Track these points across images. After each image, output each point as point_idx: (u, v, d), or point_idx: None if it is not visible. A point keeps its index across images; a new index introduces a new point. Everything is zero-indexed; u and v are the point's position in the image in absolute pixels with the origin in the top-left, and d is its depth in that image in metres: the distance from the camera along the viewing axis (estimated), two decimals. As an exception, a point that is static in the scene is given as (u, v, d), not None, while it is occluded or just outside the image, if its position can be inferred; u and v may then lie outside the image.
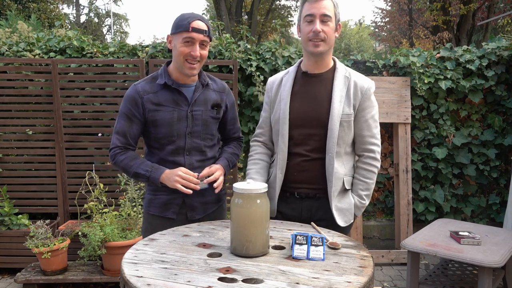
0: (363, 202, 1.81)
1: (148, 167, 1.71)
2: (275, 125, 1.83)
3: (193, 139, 1.78)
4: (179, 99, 1.76)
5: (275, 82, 1.89)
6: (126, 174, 1.76)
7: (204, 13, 21.93)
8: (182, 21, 1.66)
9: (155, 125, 1.74)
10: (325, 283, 1.12)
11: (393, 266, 3.57)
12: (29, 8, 10.97)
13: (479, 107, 3.85)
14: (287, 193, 1.82)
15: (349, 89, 1.77)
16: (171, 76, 1.77)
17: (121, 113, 1.76)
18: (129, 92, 1.76)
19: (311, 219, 1.79)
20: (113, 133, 1.78)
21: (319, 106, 1.76)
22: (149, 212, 1.83)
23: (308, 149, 1.77)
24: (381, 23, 18.56)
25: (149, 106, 1.73)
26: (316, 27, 1.68)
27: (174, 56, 1.73)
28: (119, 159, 1.74)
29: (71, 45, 3.65)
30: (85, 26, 22.18)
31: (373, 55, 3.91)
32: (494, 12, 11.63)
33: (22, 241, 3.09)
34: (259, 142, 1.94)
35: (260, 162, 1.88)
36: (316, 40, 1.70)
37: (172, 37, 1.72)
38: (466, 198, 3.95)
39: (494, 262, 2.30)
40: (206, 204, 1.85)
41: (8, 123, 3.44)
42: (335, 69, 1.81)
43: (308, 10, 1.70)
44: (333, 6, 1.71)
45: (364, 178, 1.80)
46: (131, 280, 1.13)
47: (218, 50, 3.69)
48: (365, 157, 1.81)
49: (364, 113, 1.77)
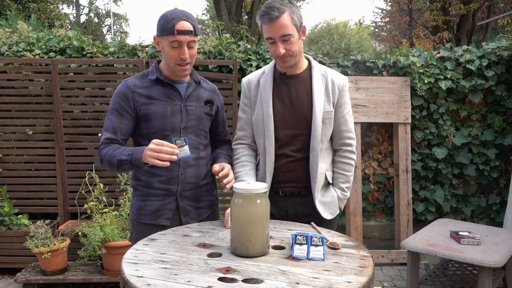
0: (345, 194, 1.86)
1: (129, 151, 1.59)
2: (258, 126, 1.82)
3: (187, 135, 1.73)
4: (172, 94, 1.72)
5: (251, 82, 1.87)
6: (113, 168, 1.63)
7: (204, 13, 21.93)
8: (166, 24, 1.60)
9: (147, 119, 1.68)
10: (325, 283, 1.12)
11: (393, 266, 3.57)
12: (29, 8, 10.97)
13: (479, 107, 3.85)
14: (271, 192, 1.83)
15: (327, 87, 1.79)
16: (162, 72, 1.73)
17: (111, 109, 1.69)
18: (119, 88, 1.71)
19: (296, 216, 1.81)
20: (103, 130, 1.69)
21: (302, 106, 1.77)
22: (140, 220, 1.73)
23: (294, 149, 1.79)
24: (381, 23, 18.55)
25: (141, 100, 1.68)
26: (279, 50, 1.67)
27: (164, 58, 1.71)
28: (103, 153, 1.63)
29: (71, 45, 3.65)
30: (85, 26, 22.18)
31: (373, 55, 3.91)
32: (494, 12, 11.63)
33: (22, 241, 3.09)
34: (244, 144, 1.90)
35: (248, 164, 1.85)
36: (283, 59, 1.71)
37: (159, 39, 1.67)
38: (466, 198, 3.95)
39: (494, 262, 2.30)
40: (200, 209, 1.80)
41: (8, 123, 3.44)
42: (311, 67, 1.82)
43: (267, 33, 1.67)
44: (290, 20, 1.64)
45: (343, 172, 1.86)
46: (131, 280, 1.13)
47: (218, 50, 3.69)
48: (343, 151, 1.86)
49: (341, 109, 1.82)
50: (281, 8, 1.63)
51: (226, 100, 3.45)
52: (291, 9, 1.65)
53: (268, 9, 1.63)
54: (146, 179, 1.72)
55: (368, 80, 3.65)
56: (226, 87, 3.48)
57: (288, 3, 1.66)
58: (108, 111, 1.71)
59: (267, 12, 1.64)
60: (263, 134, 1.80)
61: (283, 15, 1.63)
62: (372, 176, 3.96)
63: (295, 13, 1.67)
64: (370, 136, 3.95)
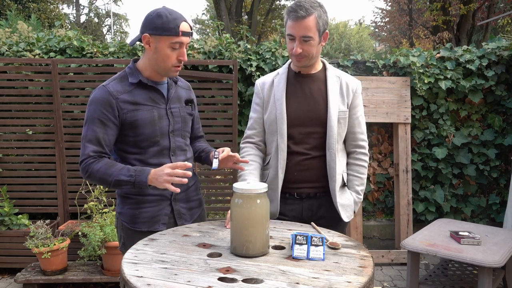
0: (360, 197, 1.87)
1: (130, 171, 1.51)
2: (271, 125, 1.82)
3: (175, 138, 1.69)
4: (156, 97, 1.65)
5: (265, 83, 1.88)
6: (104, 184, 1.54)
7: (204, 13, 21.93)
8: (169, 24, 1.53)
9: (135, 126, 1.59)
10: (325, 283, 1.12)
11: (393, 266, 3.57)
12: (29, 8, 10.97)
13: (479, 107, 3.85)
14: (286, 194, 1.83)
15: (341, 88, 1.81)
16: (143, 74, 1.64)
17: (91, 118, 1.55)
18: (98, 94, 1.57)
19: (312, 219, 1.80)
20: (84, 143, 1.56)
21: (316, 104, 1.78)
22: (135, 229, 1.65)
23: (308, 147, 1.79)
24: (381, 23, 18.56)
25: (126, 107, 1.57)
26: (296, 49, 1.69)
27: (155, 59, 1.59)
28: (95, 169, 1.52)
29: (71, 45, 3.64)
30: (85, 26, 22.18)
31: (373, 55, 3.91)
32: (494, 12, 11.63)
33: (22, 241, 3.09)
34: (251, 143, 1.90)
35: (253, 163, 1.83)
36: (298, 58, 1.72)
37: (153, 38, 1.56)
38: (466, 198, 3.95)
39: (494, 262, 2.30)
40: (191, 210, 1.79)
41: (8, 123, 3.44)
42: (326, 69, 1.85)
43: (289, 29, 1.69)
44: (315, 23, 1.65)
45: (358, 174, 1.87)
46: (131, 280, 1.13)
47: (218, 50, 3.69)
48: (358, 153, 1.87)
49: (355, 110, 1.84)
50: (309, 10, 1.64)
51: (226, 100, 3.45)
52: (319, 13, 1.66)
53: (297, 7, 1.64)
54: None
55: (368, 80, 3.65)
56: (226, 87, 3.48)
57: (318, 6, 1.67)
58: (86, 120, 1.57)
59: (295, 9, 1.65)
60: (276, 132, 1.80)
61: (309, 17, 1.64)
62: (372, 176, 3.96)
63: (322, 18, 1.68)
64: (370, 136, 3.95)
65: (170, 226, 1.71)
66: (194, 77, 3.49)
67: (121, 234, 1.72)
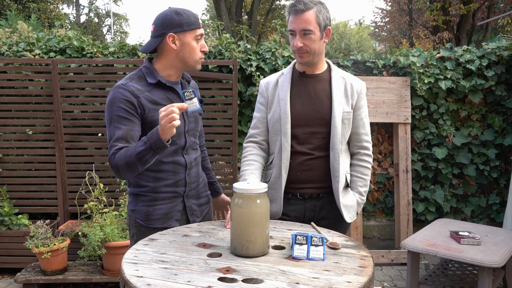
0: (363, 198, 1.86)
1: (143, 140, 1.48)
2: (275, 124, 1.82)
3: (190, 137, 1.74)
4: (173, 97, 1.68)
5: (270, 83, 1.89)
6: (133, 168, 1.51)
7: (204, 13, 21.93)
8: (190, 18, 1.61)
9: (154, 126, 1.59)
10: (325, 283, 1.12)
11: (393, 266, 3.57)
12: (29, 8, 10.97)
13: (479, 107, 3.85)
14: (289, 194, 1.83)
15: (346, 89, 1.82)
16: (160, 74, 1.66)
17: (116, 117, 1.55)
18: (119, 93, 1.57)
19: (314, 219, 1.80)
20: (112, 142, 1.55)
21: (321, 104, 1.79)
22: (149, 225, 1.67)
23: (312, 147, 1.79)
24: (381, 23, 18.56)
25: (148, 106, 1.60)
26: (296, 43, 1.71)
27: (181, 56, 1.63)
28: (117, 160, 1.52)
29: (71, 45, 3.65)
30: (85, 26, 22.17)
31: (373, 55, 3.92)
32: (494, 12, 11.63)
33: (22, 241, 3.09)
34: (254, 143, 1.90)
35: (255, 163, 1.84)
36: (300, 53, 1.74)
37: (179, 35, 1.60)
38: (466, 198, 3.95)
39: (494, 262, 2.30)
40: (201, 206, 1.83)
41: (8, 123, 3.44)
42: (330, 70, 1.86)
43: (290, 25, 1.72)
44: (314, 17, 1.67)
45: (362, 175, 1.86)
46: (131, 280, 1.13)
47: (218, 50, 3.69)
48: (361, 154, 1.88)
49: (360, 111, 1.85)
50: (308, 4, 1.67)
51: (226, 100, 3.45)
52: (318, 8, 1.69)
53: (297, 2, 1.68)
54: (152, 184, 1.68)
55: (368, 80, 3.65)
56: (226, 87, 3.48)
57: (318, 2, 1.70)
58: (110, 120, 1.57)
59: (294, 4, 1.69)
60: (279, 131, 1.80)
61: (309, 11, 1.67)
62: (372, 176, 3.96)
63: (322, 13, 1.70)
64: (370, 136, 3.95)
65: (182, 222, 1.74)
66: (194, 77, 3.49)
67: (133, 232, 1.73)
